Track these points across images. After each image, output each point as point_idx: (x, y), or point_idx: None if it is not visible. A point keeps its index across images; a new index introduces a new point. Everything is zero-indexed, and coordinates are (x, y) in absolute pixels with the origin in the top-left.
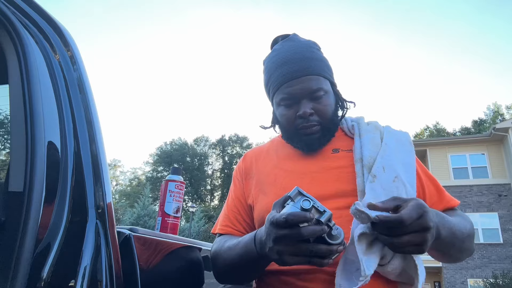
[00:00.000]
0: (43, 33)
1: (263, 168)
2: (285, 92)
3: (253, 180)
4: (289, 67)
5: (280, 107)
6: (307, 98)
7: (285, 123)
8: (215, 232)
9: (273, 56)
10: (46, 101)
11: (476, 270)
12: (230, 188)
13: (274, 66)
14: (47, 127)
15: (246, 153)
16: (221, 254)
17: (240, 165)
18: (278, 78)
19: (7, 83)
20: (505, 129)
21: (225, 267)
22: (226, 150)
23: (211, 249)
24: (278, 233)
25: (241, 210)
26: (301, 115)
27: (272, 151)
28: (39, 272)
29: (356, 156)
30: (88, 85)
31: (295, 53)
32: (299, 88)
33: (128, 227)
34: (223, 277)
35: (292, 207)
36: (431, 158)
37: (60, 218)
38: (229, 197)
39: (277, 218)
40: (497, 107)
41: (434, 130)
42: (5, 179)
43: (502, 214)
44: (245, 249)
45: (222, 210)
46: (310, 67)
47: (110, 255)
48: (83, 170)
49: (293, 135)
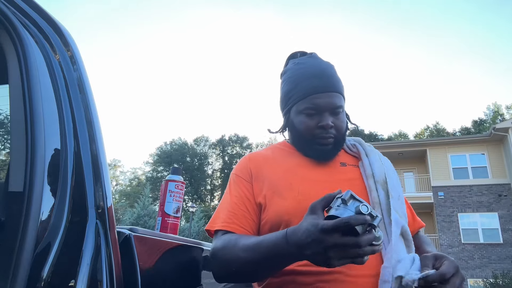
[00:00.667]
0: (43, 33)
1: (274, 172)
2: (311, 102)
3: (263, 182)
4: (319, 81)
5: (300, 115)
6: (329, 112)
7: (303, 130)
8: (214, 228)
9: (299, 68)
10: (46, 101)
11: (476, 270)
12: (232, 186)
13: (302, 77)
14: (47, 127)
15: (250, 155)
16: (234, 252)
17: (246, 166)
18: (307, 89)
19: (7, 83)
20: (505, 129)
21: (238, 266)
22: (226, 150)
23: (214, 245)
24: (333, 241)
25: (249, 208)
26: (323, 126)
27: (279, 157)
28: (39, 272)
29: (367, 172)
30: (88, 85)
31: (323, 70)
32: (325, 102)
33: (128, 227)
34: (230, 275)
35: (347, 210)
36: (431, 158)
37: (60, 218)
38: (231, 194)
39: (336, 224)
40: (497, 107)
41: (434, 130)
42: (5, 179)
43: (502, 214)
44: (272, 249)
45: (222, 208)
46: (335, 85)
47: (110, 255)
48: (83, 170)
49: (309, 143)
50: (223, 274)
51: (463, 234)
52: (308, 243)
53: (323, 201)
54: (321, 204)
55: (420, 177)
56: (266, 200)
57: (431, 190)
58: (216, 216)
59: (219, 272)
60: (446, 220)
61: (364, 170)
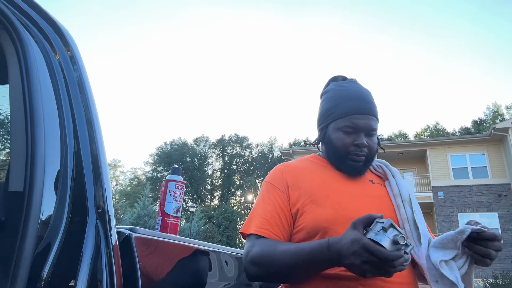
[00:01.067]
0: (43, 33)
1: (310, 182)
2: (351, 122)
3: (299, 191)
4: (359, 104)
5: (338, 132)
6: (365, 132)
7: (340, 146)
8: (248, 232)
9: (341, 90)
10: (46, 101)
11: (476, 270)
12: (265, 194)
13: (344, 98)
14: (47, 127)
15: (284, 166)
16: (275, 255)
17: (281, 176)
18: (348, 109)
19: (7, 83)
20: (505, 129)
21: (277, 268)
22: (226, 150)
23: (250, 248)
24: (371, 259)
25: (282, 217)
26: (359, 144)
27: (313, 168)
28: (39, 272)
29: (395, 192)
30: (88, 85)
31: (363, 94)
32: (363, 123)
33: (128, 227)
34: (268, 275)
35: (385, 237)
36: (431, 158)
37: (60, 218)
38: (264, 202)
39: (378, 251)
40: (497, 107)
41: (434, 130)
42: (5, 179)
43: (502, 214)
44: (313, 254)
45: (256, 213)
46: (373, 110)
47: (110, 255)
48: (83, 170)
49: (343, 159)
50: (260, 274)
51: None
52: (349, 254)
53: (364, 220)
54: (362, 222)
55: (420, 177)
56: (303, 207)
57: (431, 190)
58: (250, 220)
59: (256, 272)
60: (446, 220)
61: (391, 189)
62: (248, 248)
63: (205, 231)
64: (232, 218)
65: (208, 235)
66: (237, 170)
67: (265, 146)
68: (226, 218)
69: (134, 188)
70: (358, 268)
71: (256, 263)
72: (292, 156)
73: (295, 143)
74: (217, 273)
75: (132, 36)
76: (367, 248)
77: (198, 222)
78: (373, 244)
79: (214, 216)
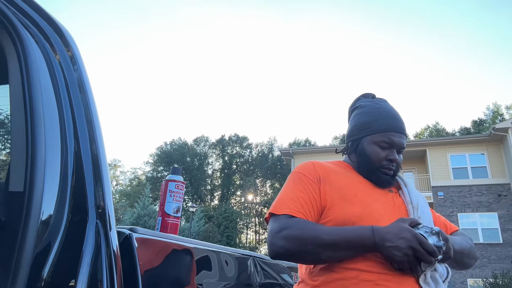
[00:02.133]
0: (43, 33)
1: (340, 180)
2: (388, 138)
3: (330, 187)
4: (398, 123)
5: (374, 146)
6: (397, 149)
7: (374, 159)
8: (282, 213)
9: (378, 107)
10: (46, 101)
11: (476, 270)
12: (297, 181)
13: (382, 115)
14: (47, 127)
15: (315, 162)
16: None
17: (314, 169)
18: (386, 126)
19: (7, 83)
20: (504, 129)
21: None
22: (226, 150)
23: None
24: (417, 247)
25: (314, 205)
26: (392, 160)
27: (341, 171)
28: (39, 272)
29: (407, 199)
30: (88, 85)
31: (398, 114)
32: (398, 141)
33: (128, 227)
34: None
35: (432, 238)
36: (431, 158)
37: (60, 218)
38: (296, 188)
39: (426, 243)
40: (497, 107)
41: (434, 130)
42: (5, 179)
43: (501, 214)
44: (357, 235)
45: (287, 196)
46: (405, 130)
47: (110, 255)
48: (83, 170)
49: (375, 171)
50: (292, 250)
51: None
52: (397, 238)
53: (409, 220)
54: (408, 221)
55: (420, 177)
56: (332, 201)
57: (431, 190)
58: (281, 203)
59: (288, 248)
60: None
61: (404, 197)
62: (281, 225)
63: (205, 231)
64: (232, 218)
65: (208, 235)
66: (237, 170)
67: (265, 146)
68: (226, 218)
69: (134, 188)
70: (401, 251)
71: (292, 238)
72: (292, 156)
73: (295, 143)
74: (217, 273)
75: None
76: (418, 237)
77: (198, 222)
78: (423, 236)
79: (214, 216)
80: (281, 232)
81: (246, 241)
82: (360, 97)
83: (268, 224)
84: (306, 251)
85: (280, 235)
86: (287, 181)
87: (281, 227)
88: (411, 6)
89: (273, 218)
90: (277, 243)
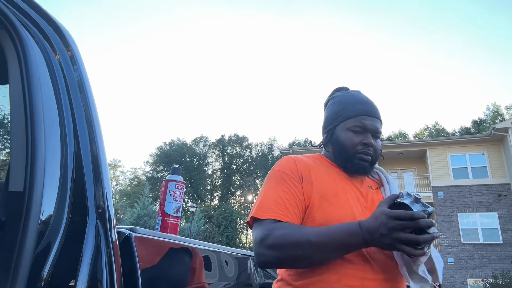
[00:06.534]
0: (43, 33)
1: (321, 179)
2: (360, 122)
3: (312, 185)
4: (369, 107)
5: (347, 132)
6: (371, 133)
7: (348, 145)
8: (266, 217)
9: (349, 96)
10: (46, 101)
11: (476, 270)
12: (279, 181)
13: (352, 101)
14: (47, 127)
15: (295, 158)
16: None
17: (295, 167)
18: (357, 110)
19: (7, 83)
20: (504, 129)
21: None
22: (226, 150)
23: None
24: (397, 223)
25: (299, 205)
26: (366, 143)
27: (321, 166)
28: (39, 272)
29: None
30: (88, 85)
31: (370, 100)
32: (371, 124)
33: (128, 227)
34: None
35: (416, 206)
36: (431, 158)
37: (60, 218)
38: (278, 189)
39: (402, 213)
40: (497, 107)
41: (433, 130)
42: (5, 179)
43: (501, 214)
44: (347, 235)
45: (269, 200)
46: (379, 114)
47: (110, 255)
48: (83, 170)
49: (351, 157)
50: (281, 258)
51: (462, 234)
52: (377, 227)
53: (387, 200)
54: (386, 202)
55: (420, 177)
56: (314, 202)
57: (431, 190)
58: (262, 206)
59: (276, 257)
60: (446, 220)
61: (385, 194)
62: (265, 231)
63: (205, 231)
64: (232, 218)
65: (208, 235)
66: (237, 170)
67: (265, 146)
68: (226, 218)
69: (134, 188)
70: (388, 238)
71: (278, 246)
72: None
73: (295, 143)
74: (217, 273)
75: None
76: (391, 214)
77: (198, 222)
78: (395, 210)
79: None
80: (267, 240)
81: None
82: (334, 91)
83: (252, 230)
84: (296, 257)
85: (267, 244)
86: (267, 180)
87: (264, 234)
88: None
89: (257, 224)
90: (265, 252)
